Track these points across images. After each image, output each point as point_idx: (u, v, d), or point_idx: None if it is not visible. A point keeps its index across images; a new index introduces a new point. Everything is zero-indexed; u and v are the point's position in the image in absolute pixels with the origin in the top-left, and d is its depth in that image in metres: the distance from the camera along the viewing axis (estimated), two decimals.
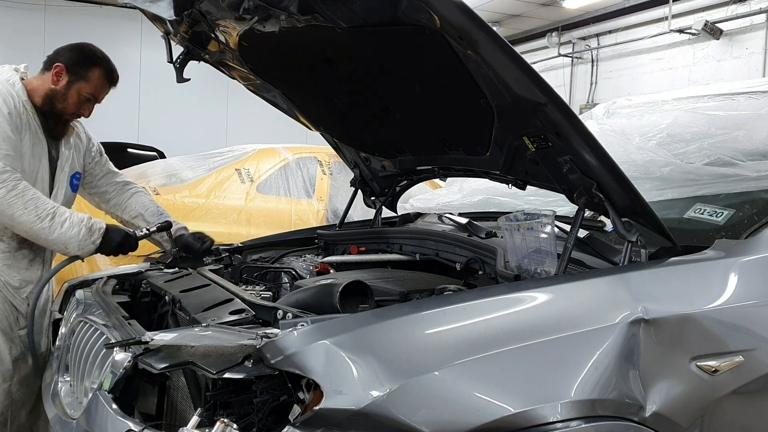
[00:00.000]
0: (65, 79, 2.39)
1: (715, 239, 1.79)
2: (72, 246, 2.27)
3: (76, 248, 2.28)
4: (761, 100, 2.51)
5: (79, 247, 2.28)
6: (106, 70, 2.46)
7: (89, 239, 2.28)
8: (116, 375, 1.59)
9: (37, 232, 2.23)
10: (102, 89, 2.47)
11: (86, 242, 2.28)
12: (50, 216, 2.23)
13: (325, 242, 3.01)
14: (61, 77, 2.39)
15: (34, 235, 2.24)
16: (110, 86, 2.50)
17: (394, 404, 1.25)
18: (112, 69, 2.48)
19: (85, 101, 2.44)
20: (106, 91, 2.50)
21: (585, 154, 1.70)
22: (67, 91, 2.40)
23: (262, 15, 1.89)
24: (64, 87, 2.40)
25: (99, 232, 2.31)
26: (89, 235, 2.28)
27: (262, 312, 1.79)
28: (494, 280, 2.02)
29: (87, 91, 2.42)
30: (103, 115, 9.46)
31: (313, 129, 2.92)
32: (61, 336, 2.29)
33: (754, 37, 8.78)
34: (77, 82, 2.41)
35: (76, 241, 2.26)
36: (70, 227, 2.25)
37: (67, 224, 2.25)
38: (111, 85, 2.50)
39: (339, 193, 5.47)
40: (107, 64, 2.47)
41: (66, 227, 2.25)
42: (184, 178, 5.20)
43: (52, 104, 2.40)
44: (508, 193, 2.74)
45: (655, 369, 1.46)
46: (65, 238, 2.25)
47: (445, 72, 1.94)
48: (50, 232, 2.23)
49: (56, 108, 2.41)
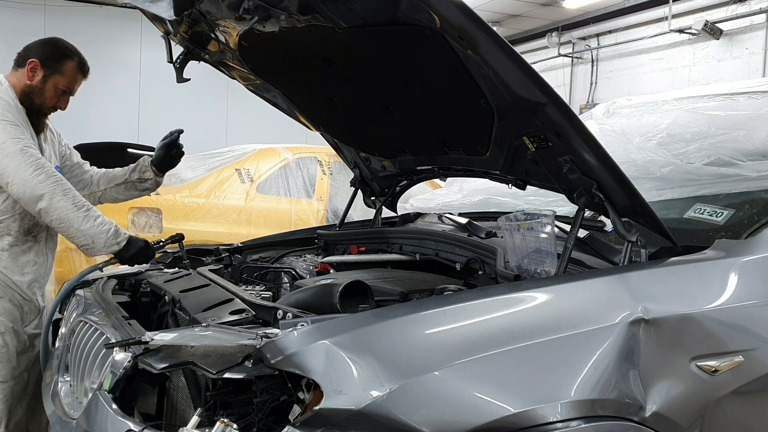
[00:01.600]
0: (40, 73, 2.42)
1: (715, 239, 1.79)
2: (99, 241, 2.31)
3: (102, 244, 2.32)
4: (761, 100, 2.51)
5: (105, 244, 2.32)
6: (79, 62, 2.50)
7: (115, 239, 2.33)
8: (116, 375, 1.59)
9: (71, 220, 2.26)
10: (76, 81, 2.52)
11: (112, 241, 2.33)
12: (86, 207, 2.30)
13: (325, 242, 3.01)
14: (36, 72, 2.42)
15: (66, 222, 2.27)
16: (83, 78, 2.54)
17: (394, 404, 1.25)
18: (83, 61, 2.53)
19: (61, 94, 2.48)
20: (80, 82, 2.54)
21: (585, 154, 1.70)
22: (44, 86, 2.43)
23: (262, 15, 1.89)
24: (40, 81, 2.43)
25: (124, 236, 2.37)
26: (116, 236, 2.34)
27: (262, 312, 1.79)
28: (494, 280, 2.02)
29: (63, 83, 2.46)
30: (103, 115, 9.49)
31: (313, 129, 2.92)
32: (61, 336, 2.29)
33: (754, 37, 8.77)
34: (53, 75, 2.44)
35: (104, 237, 2.31)
36: (102, 223, 2.31)
37: (100, 220, 2.31)
38: (83, 77, 2.55)
39: (339, 193, 5.48)
40: (79, 56, 2.51)
41: (99, 222, 2.30)
42: (184, 178, 5.20)
43: (30, 100, 2.43)
44: (508, 193, 2.74)
45: (655, 369, 1.46)
46: (95, 232, 2.29)
47: (445, 72, 1.94)
48: (84, 221, 2.27)
49: (35, 103, 2.44)
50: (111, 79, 10.79)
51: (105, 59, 10.90)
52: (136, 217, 4.65)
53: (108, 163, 2.82)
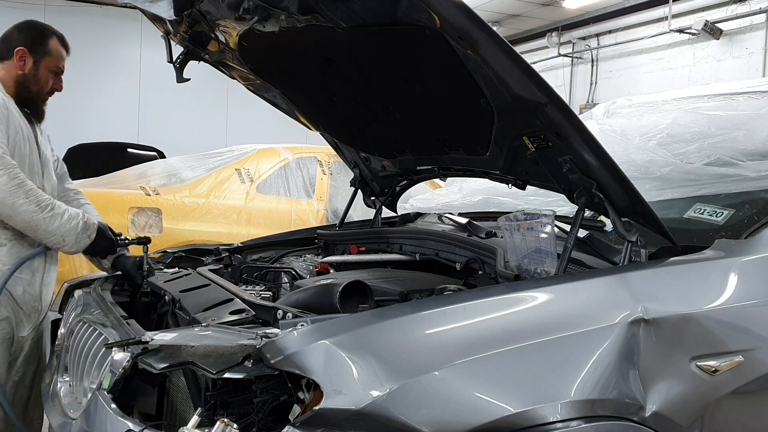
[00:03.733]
0: (30, 60, 2.38)
1: (715, 239, 1.79)
2: (70, 238, 2.27)
3: (74, 241, 2.28)
4: (761, 100, 2.51)
5: (76, 240, 2.29)
6: (59, 37, 2.45)
7: (85, 233, 2.30)
8: (115, 375, 1.58)
9: (37, 223, 2.21)
10: (62, 58, 2.46)
11: (83, 236, 2.29)
12: (50, 207, 2.23)
13: (325, 242, 3.01)
14: (26, 60, 2.37)
15: (33, 225, 2.22)
16: (67, 53, 2.49)
17: (394, 404, 1.25)
18: (61, 35, 2.48)
19: (54, 75, 2.44)
20: (65, 59, 2.48)
21: (585, 154, 1.70)
22: (37, 72, 2.39)
23: (262, 15, 1.89)
24: (32, 68, 2.38)
25: (93, 227, 2.32)
26: (85, 228, 2.30)
27: (262, 312, 1.79)
28: (494, 280, 2.02)
29: (54, 64, 2.42)
30: (103, 115, 9.45)
31: (313, 129, 2.92)
32: (61, 336, 2.29)
33: (754, 37, 8.77)
34: (42, 59, 2.40)
35: (74, 233, 2.27)
36: (69, 219, 2.26)
37: (67, 216, 2.26)
38: (67, 52, 2.49)
39: (339, 193, 5.48)
40: (56, 32, 2.47)
41: (66, 219, 2.25)
42: (184, 178, 5.20)
43: (27, 89, 2.39)
44: (508, 193, 2.74)
45: (655, 369, 1.46)
46: (64, 230, 2.25)
47: (445, 72, 1.94)
48: (51, 222, 2.22)
49: (32, 91, 2.40)
50: (111, 79, 10.79)
51: (105, 59, 10.91)
52: (136, 216, 4.64)
53: (108, 163, 2.80)
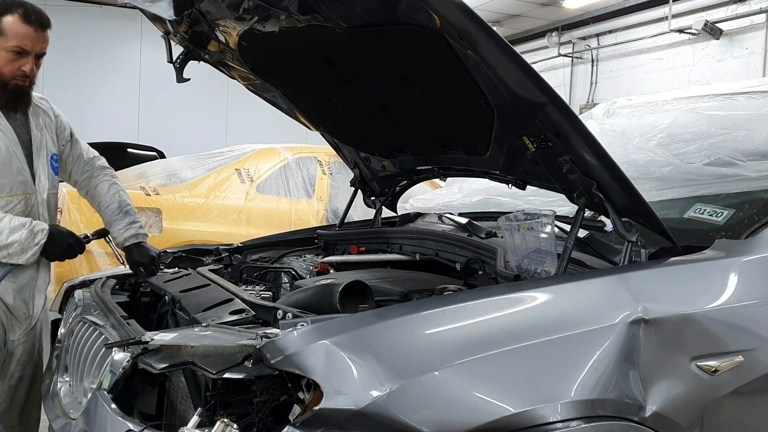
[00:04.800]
0: None
1: (715, 239, 1.79)
2: (14, 248, 2.15)
3: (19, 250, 2.16)
4: (761, 100, 2.51)
5: (22, 250, 2.16)
6: (22, 13, 2.15)
7: (33, 241, 2.17)
8: (115, 375, 1.59)
9: None
10: (27, 36, 2.16)
11: (29, 244, 2.17)
12: None
13: (325, 242, 3.01)
14: None
15: None
16: (36, 29, 2.18)
17: (394, 404, 1.25)
18: (28, 9, 2.17)
19: (16, 56, 2.16)
20: (36, 37, 2.18)
21: (585, 154, 1.70)
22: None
23: (262, 15, 1.89)
24: None
25: (43, 233, 2.19)
26: (32, 237, 2.17)
27: (262, 312, 1.79)
28: (494, 280, 2.02)
29: (11, 44, 2.14)
30: (103, 115, 9.47)
31: (313, 129, 2.92)
32: (61, 336, 2.29)
33: (754, 37, 8.77)
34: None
35: (19, 245, 2.15)
36: (11, 231, 2.14)
37: (9, 229, 2.13)
38: (37, 28, 2.18)
39: (339, 193, 5.48)
40: (20, 6, 2.16)
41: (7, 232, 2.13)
42: (184, 178, 5.21)
43: None
44: (508, 193, 2.74)
45: (655, 369, 1.46)
46: (7, 242, 2.13)
47: (445, 72, 1.94)
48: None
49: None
50: (111, 79, 10.80)
51: (105, 59, 10.91)
52: None
53: (108, 163, 2.78)
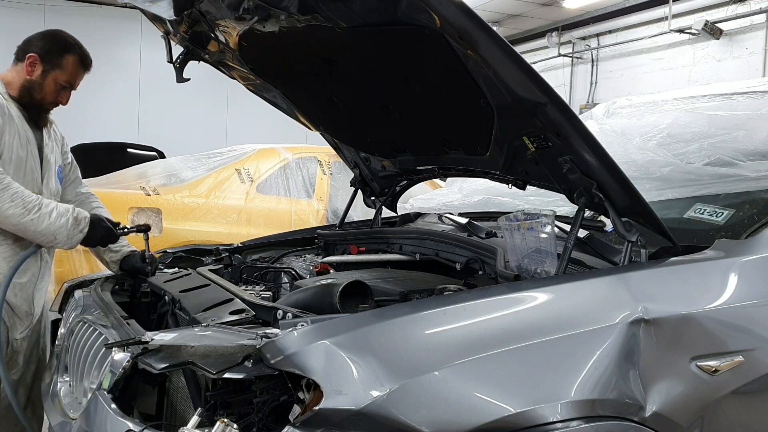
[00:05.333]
0: (40, 68, 2.36)
1: (715, 239, 1.79)
2: (61, 236, 2.26)
3: (65, 238, 2.27)
4: (761, 100, 2.51)
5: (68, 237, 2.27)
6: (80, 55, 2.43)
7: (77, 228, 2.28)
8: (115, 375, 1.58)
9: (26, 225, 2.20)
10: (77, 75, 2.44)
11: (74, 231, 2.28)
12: (36, 207, 2.21)
13: (325, 242, 3.01)
14: (36, 67, 2.36)
15: (22, 228, 2.21)
16: (85, 71, 2.47)
17: (394, 404, 1.25)
18: (85, 54, 2.45)
19: (61, 89, 2.42)
20: (81, 76, 2.47)
21: (585, 154, 1.70)
22: (43, 81, 2.37)
23: (262, 15, 1.89)
24: (40, 77, 2.37)
25: (85, 221, 2.31)
26: (76, 224, 2.28)
27: (262, 312, 1.79)
28: (494, 280, 2.02)
29: (63, 79, 2.40)
30: (103, 115, 9.47)
31: (313, 129, 2.92)
32: (61, 336, 2.29)
33: (754, 37, 8.77)
34: (52, 70, 2.37)
35: (65, 230, 2.25)
36: (57, 217, 2.24)
37: (55, 214, 2.24)
38: (85, 71, 2.47)
39: (339, 193, 5.48)
40: (80, 49, 2.44)
41: (54, 217, 2.23)
42: (184, 178, 5.20)
43: (30, 95, 2.37)
44: (508, 193, 2.74)
45: (655, 369, 1.46)
46: (54, 228, 2.24)
47: (445, 72, 1.94)
48: (39, 223, 2.21)
49: (35, 98, 2.38)
50: (111, 79, 10.78)
51: (105, 59, 10.86)
52: (136, 216, 4.64)
53: (108, 163, 2.79)
